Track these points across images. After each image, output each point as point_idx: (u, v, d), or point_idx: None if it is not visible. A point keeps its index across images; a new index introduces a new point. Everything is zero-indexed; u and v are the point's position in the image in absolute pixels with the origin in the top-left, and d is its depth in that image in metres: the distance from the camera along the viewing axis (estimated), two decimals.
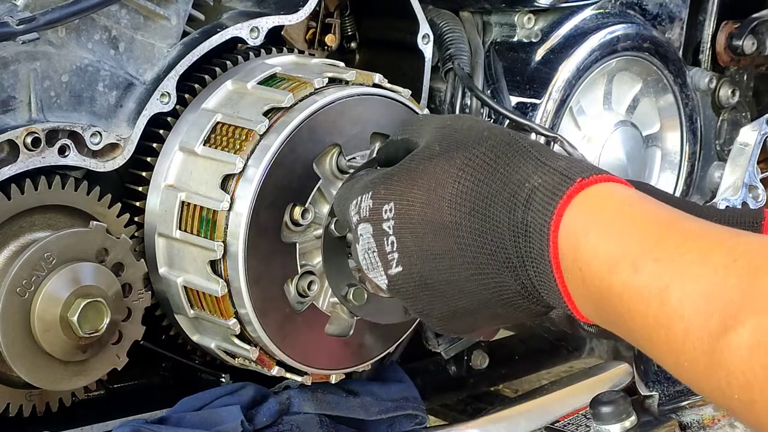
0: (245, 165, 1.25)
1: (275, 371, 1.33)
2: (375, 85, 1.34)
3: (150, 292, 1.33)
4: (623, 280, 0.82)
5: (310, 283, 1.29)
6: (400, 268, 1.00)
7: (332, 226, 1.22)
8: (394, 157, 1.10)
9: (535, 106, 1.56)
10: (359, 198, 1.04)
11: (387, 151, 1.16)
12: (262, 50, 1.40)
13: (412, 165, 1.02)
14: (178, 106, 1.33)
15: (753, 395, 0.73)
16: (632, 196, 0.89)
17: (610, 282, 0.83)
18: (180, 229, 1.29)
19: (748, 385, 0.74)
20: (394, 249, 1.00)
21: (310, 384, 1.36)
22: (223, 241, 1.25)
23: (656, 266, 0.80)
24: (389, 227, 0.99)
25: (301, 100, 1.29)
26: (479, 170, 0.95)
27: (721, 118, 1.84)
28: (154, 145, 1.34)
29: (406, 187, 1.00)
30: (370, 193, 1.03)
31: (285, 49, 1.45)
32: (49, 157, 1.25)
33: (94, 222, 1.28)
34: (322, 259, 1.25)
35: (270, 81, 1.33)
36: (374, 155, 1.23)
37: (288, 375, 1.34)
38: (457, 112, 1.54)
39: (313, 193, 1.27)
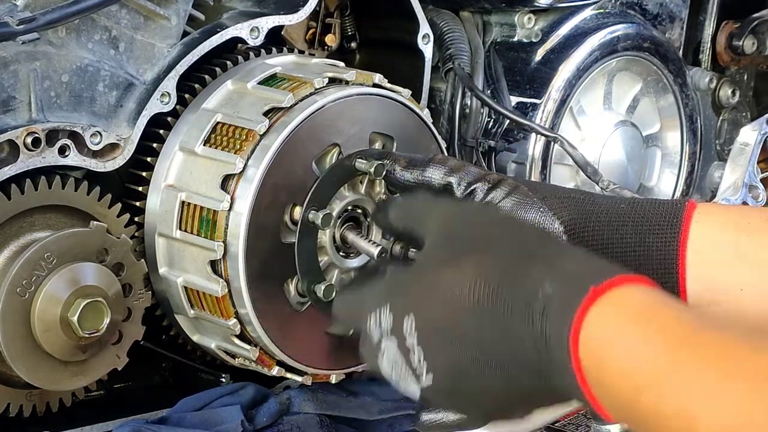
0: (245, 165, 1.25)
1: (275, 371, 1.33)
2: (375, 85, 1.34)
3: (150, 292, 1.33)
4: (649, 405, 0.82)
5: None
6: (430, 380, 1.00)
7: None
8: (397, 254, 1.12)
9: (535, 106, 1.56)
10: (378, 312, 1.02)
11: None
12: (262, 50, 1.40)
13: (423, 272, 1.00)
14: (178, 106, 1.33)
15: None
16: (650, 301, 0.87)
17: (637, 405, 0.82)
18: (180, 229, 1.29)
19: None
20: (422, 361, 0.99)
21: (310, 384, 1.36)
22: (223, 241, 1.25)
23: (680, 391, 0.79)
24: (413, 341, 0.99)
25: (301, 100, 1.29)
26: (493, 279, 0.94)
27: (721, 118, 1.84)
28: (154, 145, 1.34)
29: (422, 297, 0.99)
30: (388, 306, 1.01)
31: (285, 49, 1.45)
32: (49, 157, 1.25)
33: (95, 222, 1.28)
34: (296, 248, 1.26)
35: (270, 81, 1.33)
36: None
37: (288, 375, 1.34)
38: (457, 112, 1.54)
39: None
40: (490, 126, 1.57)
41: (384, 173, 1.22)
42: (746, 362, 0.78)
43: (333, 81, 1.32)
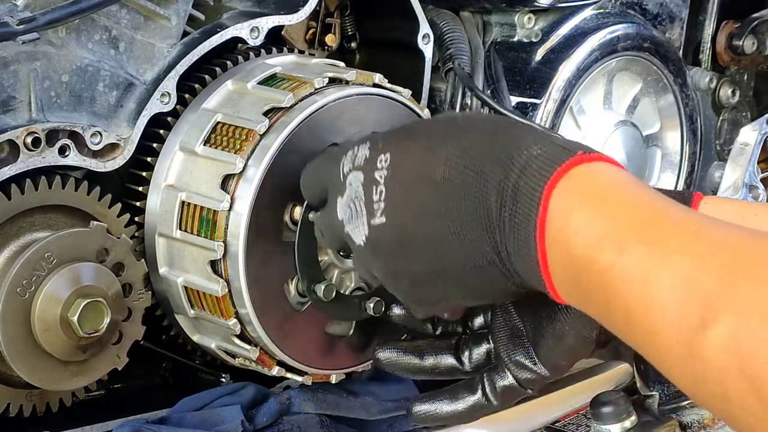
0: (245, 165, 1.25)
1: (275, 371, 1.33)
2: (375, 85, 1.34)
3: (150, 292, 1.33)
4: (608, 258, 0.83)
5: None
6: (383, 219, 0.99)
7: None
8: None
9: (535, 106, 1.56)
10: (356, 147, 1.04)
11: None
12: (263, 50, 1.40)
13: (415, 124, 1.04)
14: (178, 106, 1.33)
15: (728, 392, 0.75)
16: (628, 178, 0.89)
17: (595, 258, 0.84)
18: (180, 229, 1.29)
19: (723, 381, 0.75)
20: (381, 199, 1.00)
21: (310, 384, 1.36)
22: (223, 241, 1.25)
23: (642, 249, 0.81)
24: (381, 176, 1.00)
25: (301, 100, 1.29)
26: (480, 134, 0.96)
27: (721, 117, 1.84)
28: (155, 145, 1.34)
29: (405, 142, 1.01)
30: (368, 143, 1.03)
31: (285, 49, 1.45)
32: (50, 157, 1.25)
33: (95, 222, 1.28)
34: (296, 248, 1.26)
35: (270, 81, 1.33)
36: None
37: (288, 375, 1.34)
38: (458, 112, 1.54)
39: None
40: None
41: None
42: (709, 232, 0.80)
43: (333, 81, 1.32)
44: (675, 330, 0.78)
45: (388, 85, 1.35)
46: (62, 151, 1.26)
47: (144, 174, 1.34)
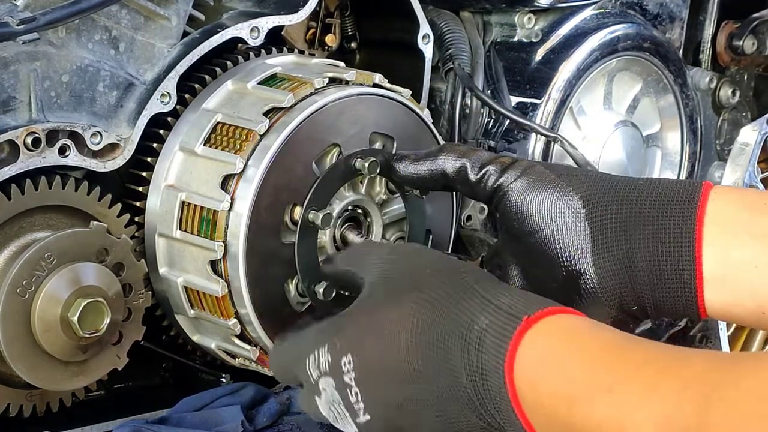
0: (245, 165, 1.25)
1: None
2: (375, 85, 1.34)
3: (150, 292, 1.33)
4: (582, 416, 0.85)
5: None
6: (368, 417, 1.00)
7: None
8: (339, 295, 1.13)
9: (535, 106, 1.56)
10: (317, 352, 1.03)
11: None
12: (263, 50, 1.40)
13: (362, 312, 1.02)
14: (178, 106, 1.33)
15: None
16: (579, 326, 0.91)
17: (572, 419, 0.86)
18: (180, 229, 1.29)
19: None
20: (359, 399, 1.00)
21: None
22: (223, 241, 1.25)
23: (611, 398, 0.83)
24: (351, 379, 1.00)
25: (301, 100, 1.29)
26: (428, 314, 0.96)
27: (721, 118, 1.84)
28: (155, 145, 1.34)
29: (360, 337, 1.00)
30: (326, 346, 1.02)
31: (285, 49, 1.45)
32: (50, 157, 1.25)
33: (95, 222, 1.28)
34: (296, 248, 1.26)
35: (270, 81, 1.33)
36: (321, 297, 1.26)
37: None
38: (457, 112, 1.54)
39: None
40: (490, 126, 1.57)
41: (389, 173, 1.22)
42: (673, 366, 0.82)
43: (333, 81, 1.32)
44: None
45: (388, 85, 1.35)
46: (62, 151, 1.26)
47: (144, 174, 1.34)
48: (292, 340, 1.08)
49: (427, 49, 1.50)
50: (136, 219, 1.34)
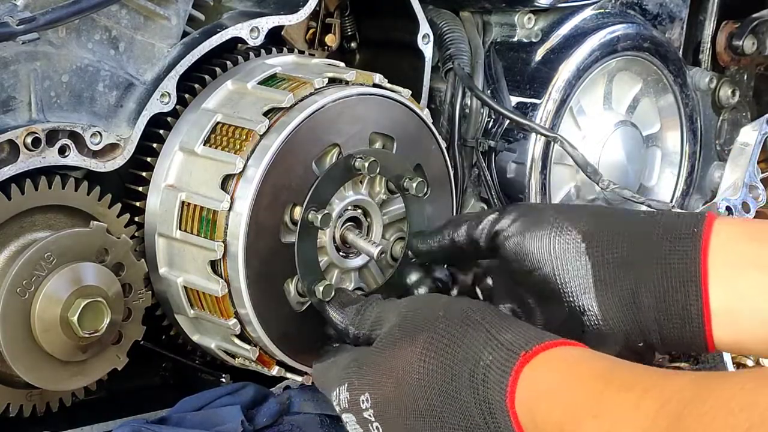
0: (245, 165, 1.25)
1: (275, 371, 1.33)
2: (375, 85, 1.34)
3: (150, 292, 1.33)
4: None
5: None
6: None
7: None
8: (366, 338, 1.16)
9: (535, 106, 1.56)
10: (337, 390, 1.10)
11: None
12: (262, 50, 1.40)
13: (378, 353, 1.08)
14: (178, 106, 1.33)
15: None
16: (574, 356, 0.96)
17: None
18: (180, 229, 1.29)
19: None
20: None
21: (310, 384, 1.36)
22: (223, 241, 1.25)
23: (596, 423, 0.88)
24: (370, 416, 1.06)
25: (301, 100, 1.29)
26: (440, 352, 1.02)
27: (721, 117, 1.84)
28: (155, 145, 1.34)
29: (376, 376, 1.06)
30: (346, 385, 1.09)
31: (285, 49, 1.45)
32: (50, 157, 1.25)
33: (95, 222, 1.28)
34: (296, 248, 1.26)
35: (270, 81, 1.33)
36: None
37: (288, 375, 1.34)
38: (457, 112, 1.55)
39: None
40: (490, 126, 1.57)
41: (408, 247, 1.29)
42: (655, 387, 0.87)
43: (333, 81, 1.32)
44: None
45: (388, 85, 1.35)
46: (62, 151, 1.26)
47: (144, 174, 1.34)
48: (324, 366, 1.16)
49: (427, 49, 1.50)
50: (136, 219, 1.34)
